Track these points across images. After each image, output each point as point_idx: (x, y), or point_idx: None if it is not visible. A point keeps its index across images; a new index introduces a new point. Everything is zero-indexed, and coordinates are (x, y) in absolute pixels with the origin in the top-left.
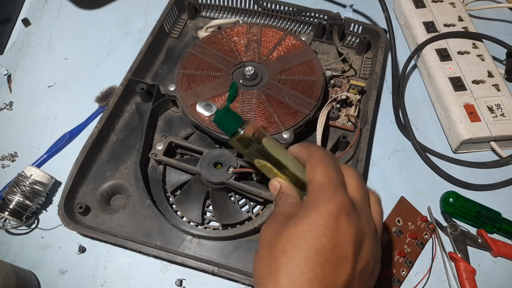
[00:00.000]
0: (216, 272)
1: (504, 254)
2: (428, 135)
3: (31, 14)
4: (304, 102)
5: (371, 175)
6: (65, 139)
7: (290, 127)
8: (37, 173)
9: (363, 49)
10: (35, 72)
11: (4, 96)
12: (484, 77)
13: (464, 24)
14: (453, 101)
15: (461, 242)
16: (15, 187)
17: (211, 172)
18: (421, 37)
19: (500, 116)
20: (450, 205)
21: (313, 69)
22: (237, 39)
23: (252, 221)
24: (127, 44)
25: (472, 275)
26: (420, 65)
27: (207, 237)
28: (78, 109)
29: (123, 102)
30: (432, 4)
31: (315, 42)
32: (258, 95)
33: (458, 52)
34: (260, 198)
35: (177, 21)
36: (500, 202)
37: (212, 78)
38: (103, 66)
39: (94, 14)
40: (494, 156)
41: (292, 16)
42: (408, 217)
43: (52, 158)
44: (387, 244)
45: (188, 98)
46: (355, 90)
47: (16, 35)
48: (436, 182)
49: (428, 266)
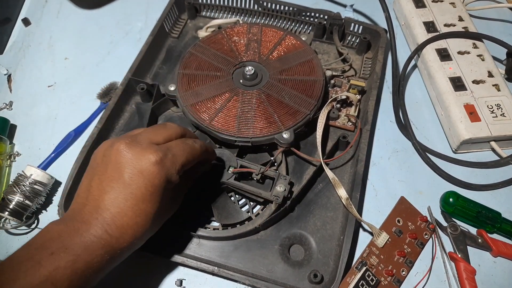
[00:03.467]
0: (216, 272)
1: (504, 254)
2: (428, 135)
3: (31, 14)
4: (304, 102)
5: (371, 175)
6: (71, 138)
7: (290, 127)
8: (37, 173)
9: (363, 49)
10: (35, 72)
11: (4, 96)
12: (484, 77)
13: (464, 24)
14: (453, 101)
15: (461, 242)
16: (15, 187)
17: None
18: (421, 37)
19: (500, 116)
20: (450, 205)
21: (313, 69)
22: (237, 39)
23: (252, 221)
24: (127, 44)
25: (472, 275)
26: (420, 65)
27: (207, 237)
28: (78, 109)
29: (123, 102)
30: (432, 4)
31: (315, 42)
32: (258, 95)
33: (458, 52)
34: (260, 198)
35: (177, 21)
36: (500, 202)
37: (212, 78)
38: (103, 66)
39: (94, 14)
40: (494, 156)
41: (292, 16)
42: (408, 217)
43: (56, 158)
44: (387, 244)
45: (188, 98)
46: (355, 90)
47: (16, 35)
48: (436, 182)
49: (428, 266)
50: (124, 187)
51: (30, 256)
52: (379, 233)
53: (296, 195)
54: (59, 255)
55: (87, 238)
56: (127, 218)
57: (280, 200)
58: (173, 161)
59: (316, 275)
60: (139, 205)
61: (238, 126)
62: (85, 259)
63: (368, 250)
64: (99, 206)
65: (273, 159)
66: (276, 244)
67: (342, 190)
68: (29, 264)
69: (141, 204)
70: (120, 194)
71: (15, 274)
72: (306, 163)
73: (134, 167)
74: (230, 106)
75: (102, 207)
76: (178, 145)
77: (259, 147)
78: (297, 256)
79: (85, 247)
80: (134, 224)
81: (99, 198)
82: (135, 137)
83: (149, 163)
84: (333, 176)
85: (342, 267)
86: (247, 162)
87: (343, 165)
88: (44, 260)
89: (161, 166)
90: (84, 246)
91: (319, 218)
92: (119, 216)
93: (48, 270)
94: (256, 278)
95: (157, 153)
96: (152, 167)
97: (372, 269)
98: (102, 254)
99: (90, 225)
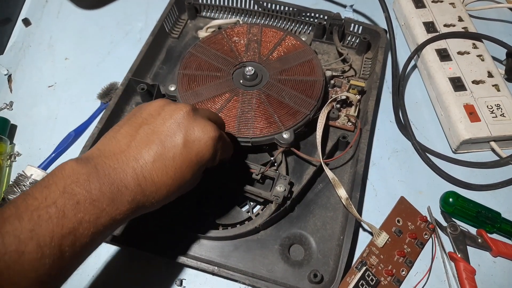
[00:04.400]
0: (216, 272)
1: (504, 254)
2: (428, 135)
3: (31, 14)
4: (304, 102)
5: (371, 175)
6: (71, 138)
7: (290, 127)
8: (37, 173)
9: (363, 49)
10: (35, 72)
11: (4, 96)
12: (484, 77)
13: (464, 24)
14: (453, 101)
15: (461, 242)
16: (16, 187)
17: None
18: (421, 37)
19: (500, 116)
20: (450, 205)
21: (313, 69)
22: (237, 39)
23: (252, 221)
24: (127, 44)
25: (472, 275)
26: (420, 65)
27: (207, 237)
28: (79, 109)
29: (123, 102)
30: (432, 4)
31: (315, 42)
32: (258, 95)
33: (458, 52)
34: (260, 198)
35: (177, 21)
36: (500, 202)
37: (212, 78)
38: (103, 66)
39: (94, 14)
40: (494, 156)
41: (292, 16)
42: (408, 217)
43: (56, 158)
44: (387, 244)
45: (188, 98)
46: (355, 90)
47: (16, 35)
48: (436, 182)
49: (428, 266)
50: (176, 146)
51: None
52: (379, 233)
53: (296, 195)
54: (85, 206)
55: (117, 189)
56: (167, 177)
57: (280, 200)
58: (223, 147)
59: (316, 275)
60: (183, 168)
61: (238, 126)
62: (110, 214)
63: (368, 250)
64: (141, 155)
65: (273, 159)
66: (276, 244)
67: (342, 190)
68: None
69: (185, 168)
70: (170, 151)
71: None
72: (306, 163)
73: (193, 133)
74: (230, 106)
75: (145, 157)
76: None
77: (259, 147)
78: (297, 256)
79: (113, 199)
80: (170, 185)
81: (144, 147)
82: (196, 108)
83: (208, 137)
84: (333, 176)
85: (342, 267)
86: (247, 162)
87: (343, 165)
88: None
89: (216, 144)
90: (112, 197)
91: (319, 218)
92: (160, 171)
93: (73, 222)
94: (256, 278)
95: (218, 131)
96: (210, 141)
97: (372, 269)
98: (127, 209)
99: (125, 174)
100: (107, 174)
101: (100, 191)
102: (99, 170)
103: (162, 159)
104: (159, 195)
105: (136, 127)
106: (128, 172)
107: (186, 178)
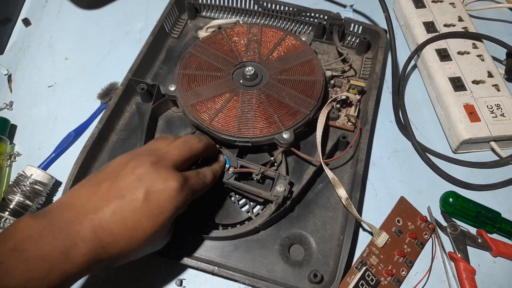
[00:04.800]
0: (216, 272)
1: (504, 254)
2: (428, 135)
3: (31, 14)
4: (304, 102)
5: (371, 175)
6: (71, 138)
7: (290, 127)
8: (37, 173)
9: (363, 49)
10: (35, 72)
11: (4, 96)
12: (484, 77)
13: (464, 24)
14: (453, 101)
15: (461, 242)
16: (16, 187)
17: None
18: (421, 37)
19: (500, 116)
20: (450, 205)
21: (313, 69)
22: (237, 39)
23: (252, 221)
24: (127, 44)
25: (472, 275)
26: (420, 65)
27: (207, 237)
28: (79, 109)
29: (123, 102)
30: (432, 4)
31: (315, 42)
32: (258, 95)
33: (458, 52)
34: (260, 198)
35: (177, 21)
36: (500, 202)
37: (212, 78)
38: (103, 66)
39: (94, 14)
40: (494, 156)
41: (292, 16)
42: (408, 217)
43: (56, 158)
44: (387, 244)
45: (188, 98)
46: (355, 90)
47: (16, 35)
48: (436, 182)
49: (428, 266)
50: (137, 200)
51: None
52: (379, 233)
53: (296, 195)
54: (34, 262)
55: (71, 241)
56: (125, 229)
57: (280, 200)
58: (188, 194)
59: (316, 275)
60: (143, 221)
61: (238, 126)
62: (62, 268)
63: (368, 250)
64: (100, 207)
65: (273, 159)
66: (276, 244)
67: (342, 190)
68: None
69: (145, 221)
70: (130, 204)
71: None
72: (306, 163)
73: (155, 186)
74: (230, 106)
75: (104, 209)
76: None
77: (259, 147)
78: (297, 256)
79: (66, 252)
80: (129, 237)
81: (104, 200)
82: (162, 157)
83: (171, 189)
84: (333, 176)
85: (342, 267)
86: (247, 162)
87: (343, 165)
88: (15, 269)
89: (180, 194)
90: (65, 251)
91: (319, 218)
92: (119, 223)
93: (20, 280)
94: (256, 278)
95: (181, 181)
96: (172, 193)
97: (372, 269)
98: (82, 262)
99: (81, 225)
100: (62, 228)
101: (52, 245)
102: (54, 225)
103: (121, 211)
104: (118, 248)
105: (99, 182)
106: (85, 223)
107: (147, 231)
